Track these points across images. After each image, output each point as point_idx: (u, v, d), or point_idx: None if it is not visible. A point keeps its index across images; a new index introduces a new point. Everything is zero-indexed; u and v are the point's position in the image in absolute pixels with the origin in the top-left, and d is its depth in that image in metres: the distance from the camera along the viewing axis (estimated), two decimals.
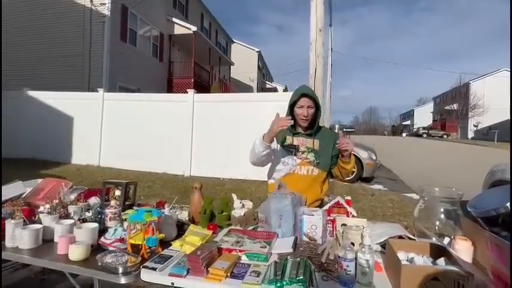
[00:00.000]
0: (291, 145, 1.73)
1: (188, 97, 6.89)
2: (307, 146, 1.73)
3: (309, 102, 1.68)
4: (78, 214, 1.53)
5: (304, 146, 1.73)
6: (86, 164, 7.29)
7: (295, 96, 1.70)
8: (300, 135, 1.76)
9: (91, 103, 7.51)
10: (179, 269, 1.08)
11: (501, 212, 1.04)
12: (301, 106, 1.68)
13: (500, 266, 1.00)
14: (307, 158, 1.71)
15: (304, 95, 1.68)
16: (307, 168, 1.72)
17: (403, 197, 5.19)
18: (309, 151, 1.72)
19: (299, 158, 1.73)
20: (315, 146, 1.73)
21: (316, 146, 1.74)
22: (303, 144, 1.74)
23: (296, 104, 1.70)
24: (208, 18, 19.01)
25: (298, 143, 1.74)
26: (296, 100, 1.69)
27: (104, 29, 10.02)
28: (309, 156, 1.72)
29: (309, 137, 1.75)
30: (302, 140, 1.75)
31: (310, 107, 1.69)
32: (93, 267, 1.15)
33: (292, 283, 1.01)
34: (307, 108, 1.68)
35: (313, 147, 1.73)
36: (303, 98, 1.68)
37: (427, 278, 0.92)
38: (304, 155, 1.72)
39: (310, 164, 1.72)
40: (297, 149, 1.73)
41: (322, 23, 5.85)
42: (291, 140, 1.75)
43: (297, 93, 1.70)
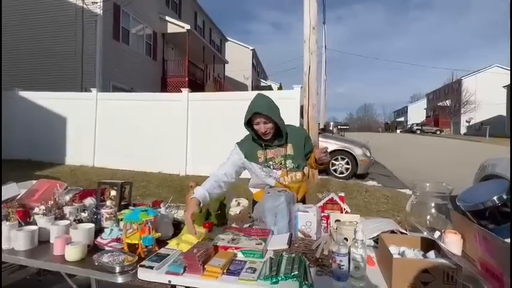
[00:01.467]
0: (264, 160, 1.67)
1: (182, 96, 6.87)
2: (281, 155, 1.67)
3: (263, 119, 1.58)
4: (73, 215, 1.53)
5: (279, 156, 1.68)
6: (80, 164, 7.23)
7: (248, 114, 1.60)
8: (271, 147, 1.68)
9: (84, 103, 7.44)
10: (176, 267, 1.10)
11: (488, 206, 1.08)
12: (257, 123, 1.60)
13: (488, 257, 1.03)
14: (287, 167, 1.67)
15: (255, 114, 1.58)
16: (290, 176, 1.68)
17: (396, 193, 5.26)
18: (285, 159, 1.67)
19: (278, 169, 1.68)
20: (289, 151, 1.68)
21: (290, 151, 1.68)
22: (277, 155, 1.68)
23: (252, 121, 1.62)
24: (202, 17, 18.91)
25: (273, 155, 1.68)
26: (250, 118, 1.61)
27: (96, 27, 9.91)
28: (287, 164, 1.67)
29: (281, 146, 1.68)
30: (274, 151, 1.68)
31: (266, 122, 1.59)
32: (90, 267, 1.16)
33: (287, 278, 1.03)
34: (264, 125, 1.59)
35: (287, 153, 1.68)
36: (256, 117, 1.59)
37: (417, 271, 0.95)
38: (282, 164, 1.67)
39: (292, 170, 1.68)
40: (274, 161, 1.68)
41: (315, 21, 5.88)
42: (265, 154, 1.67)
43: (249, 110, 1.61)
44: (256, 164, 1.69)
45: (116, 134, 7.17)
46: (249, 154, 1.69)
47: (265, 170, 1.69)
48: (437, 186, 1.47)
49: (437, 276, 0.93)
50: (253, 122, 1.62)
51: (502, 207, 1.07)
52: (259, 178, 1.73)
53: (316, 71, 5.99)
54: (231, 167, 1.68)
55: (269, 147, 1.69)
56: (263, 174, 1.69)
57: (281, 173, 1.68)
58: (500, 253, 0.97)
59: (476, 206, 1.10)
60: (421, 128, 38.50)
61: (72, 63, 10.00)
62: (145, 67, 12.74)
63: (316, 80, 6.07)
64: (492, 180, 1.50)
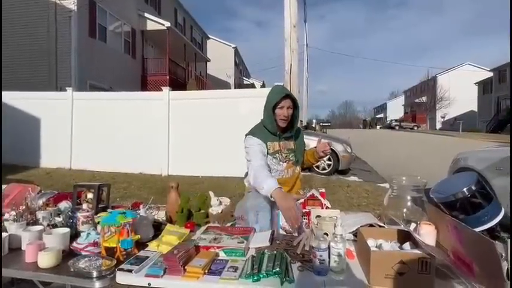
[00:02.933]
0: (273, 152, 1.74)
1: (163, 95, 6.73)
2: (288, 148, 1.78)
3: (289, 103, 1.69)
4: (47, 220, 1.46)
5: (285, 149, 1.77)
6: (57, 167, 6.94)
7: (277, 97, 1.67)
8: (281, 139, 1.76)
9: (59, 103, 7.12)
10: (156, 269, 1.08)
11: (459, 197, 1.13)
12: (282, 107, 1.68)
13: (459, 246, 1.08)
14: (290, 160, 1.77)
15: (286, 96, 1.68)
16: (292, 169, 1.78)
17: (376, 187, 5.41)
18: (290, 153, 1.78)
19: (284, 161, 1.76)
20: (293, 146, 1.80)
21: (295, 147, 1.81)
22: (285, 147, 1.77)
23: (278, 105, 1.68)
24: (182, 14, 18.58)
25: (281, 148, 1.76)
26: (278, 101, 1.67)
27: (71, 24, 9.50)
28: (291, 158, 1.77)
29: (289, 139, 1.79)
30: (283, 143, 1.77)
31: (290, 108, 1.70)
32: (65, 273, 1.12)
33: (268, 275, 1.03)
34: (287, 109, 1.69)
35: (292, 148, 1.79)
36: (285, 99, 1.67)
37: (393, 262, 0.98)
38: (287, 157, 1.77)
39: (293, 164, 1.78)
40: (281, 154, 1.75)
41: (296, 19, 5.92)
42: (274, 146, 1.74)
43: (278, 93, 1.68)
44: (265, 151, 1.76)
45: (94, 135, 6.93)
46: (262, 141, 1.73)
47: (272, 162, 1.73)
48: (413, 179, 1.53)
49: (412, 267, 0.97)
50: (277, 106, 1.68)
51: (472, 198, 1.12)
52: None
53: (297, 69, 6.03)
54: (264, 160, 1.66)
55: (280, 139, 1.75)
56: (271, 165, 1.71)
57: (286, 165, 1.75)
58: (469, 242, 1.02)
59: (447, 198, 1.15)
60: (399, 124, 39.78)
61: (46, 61, 9.56)
62: (124, 65, 12.38)
63: (298, 78, 6.12)
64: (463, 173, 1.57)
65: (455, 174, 2.66)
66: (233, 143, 3.61)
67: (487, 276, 0.93)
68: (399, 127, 38.29)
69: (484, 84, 32.80)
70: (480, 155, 3.66)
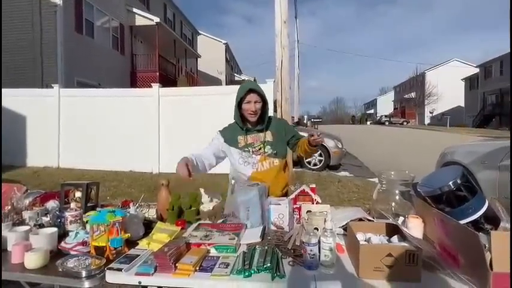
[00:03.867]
0: (245, 145, 1.75)
1: (153, 91, 6.64)
2: (261, 140, 1.76)
3: (256, 98, 1.69)
4: (33, 220, 1.44)
5: (258, 142, 1.75)
6: (44, 166, 6.80)
7: (242, 92, 1.70)
8: (251, 132, 1.77)
9: (45, 100, 6.95)
10: (146, 267, 1.07)
11: (445, 191, 1.15)
12: (249, 101, 1.69)
13: (445, 238, 1.11)
14: (266, 152, 1.74)
15: (251, 90, 1.69)
16: (268, 161, 1.75)
17: (367, 182, 5.49)
18: (264, 145, 1.75)
19: (257, 154, 1.75)
20: (268, 138, 1.76)
21: (270, 138, 1.77)
22: (257, 140, 1.76)
23: (243, 100, 1.70)
24: (172, 9, 18.30)
25: (252, 140, 1.76)
26: (243, 96, 1.69)
27: (56, 19, 9.25)
28: (266, 150, 1.74)
29: (260, 132, 1.77)
30: (255, 136, 1.76)
31: (257, 102, 1.70)
32: (53, 273, 1.10)
33: (259, 271, 1.04)
34: (254, 104, 1.69)
35: (265, 140, 1.75)
36: (250, 94, 1.69)
37: (382, 255, 0.99)
38: (261, 150, 1.74)
39: (270, 156, 1.75)
40: (253, 146, 1.75)
41: (286, 15, 5.90)
42: (245, 139, 1.75)
43: (243, 89, 1.71)
44: (236, 148, 1.76)
45: (83, 133, 6.81)
46: (229, 139, 1.77)
47: (244, 155, 1.75)
48: (401, 174, 1.55)
49: (400, 259, 0.99)
50: (243, 101, 1.70)
51: (457, 192, 1.15)
52: (237, 166, 1.78)
53: (288, 65, 6.03)
54: (210, 151, 1.77)
55: (249, 131, 1.76)
56: (241, 161, 1.75)
57: (259, 158, 1.75)
58: (455, 234, 1.05)
59: (434, 192, 1.17)
60: (389, 119, 40.37)
61: (31, 58, 9.29)
62: (113, 61, 12.14)
63: (289, 74, 6.13)
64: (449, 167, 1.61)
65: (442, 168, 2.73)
66: None
67: (471, 267, 0.96)
68: (389, 123, 38.87)
69: (471, 80, 33.54)
70: (466, 149, 3.75)
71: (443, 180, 1.18)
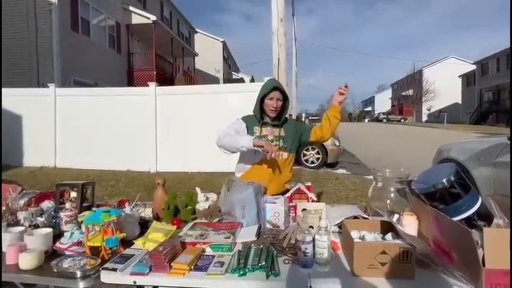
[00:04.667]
0: (259, 136, 1.84)
1: (150, 90, 6.62)
2: (275, 134, 1.87)
3: (279, 95, 1.82)
4: (28, 220, 1.43)
5: (272, 135, 1.86)
6: (41, 165, 6.76)
7: (267, 89, 1.81)
8: (267, 125, 1.88)
9: (41, 100, 6.90)
10: (141, 267, 1.07)
11: (439, 188, 1.16)
12: (272, 98, 1.80)
13: (439, 235, 1.11)
14: (276, 145, 1.84)
15: (275, 88, 1.81)
16: (277, 153, 1.83)
17: (364, 180, 5.51)
18: (277, 139, 1.86)
19: None
20: (281, 133, 1.88)
21: (282, 133, 1.89)
22: (271, 134, 1.87)
23: (267, 96, 1.81)
24: (169, 7, 18.20)
25: (267, 133, 1.87)
26: (267, 93, 1.81)
27: (51, 18, 9.18)
28: (277, 143, 1.85)
29: (275, 127, 1.88)
30: (270, 129, 1.87)
31: (280, 100, 1.82)
32: (48, 274, 1.10)
33: (254, 270, 1.04)
34: (276, 101, 1.81)
35: (279, 135, 1.87)
36: (274, 91, 1.80)
37: (376, 253, 1.00)
38: (273, 143, 1.84)
39: (279, 149, 1.85)
40: (266, 138, 1.84)
41: (283, 13, 5.89)
42: (260, 131, 1.87)
43: (268, 86, 1.82)
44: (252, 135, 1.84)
45: (79, 132, 6.77)
46: (249, 126, 1.88)
47: None
48: (396, 171, 1.56)
49: (394, 257, 0.99)
50: (267, 97, 1.81)
51: (451, 189, 1.15)
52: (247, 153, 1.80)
53: (285, 63, 6.02)
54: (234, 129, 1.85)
55: (265, 125, 1.87)
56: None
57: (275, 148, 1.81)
58: (448, 231, 1.05)
59: (428, 189, 1.18)
60: (387, 116, 40.45)
61: (26, 57, 9.22)
62: (109, 60, 12.08)
63: (286, 72, 6.12)
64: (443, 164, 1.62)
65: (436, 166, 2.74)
66: None
67: (464, 263, 0.97)
68: (387, 120, 38.95)
69: (468, 77, 33.64)
70: (462, 146, 3.77)
71: (437, 178, 1.19)
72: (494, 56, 27.98)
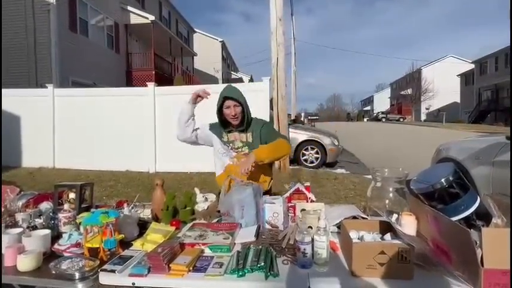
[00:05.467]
0: (227, 141, 1.87)
1: (148, 90, 6.61)
2: (242, 140, 1.86)
3: (233, 102, 1.79)
4: (26, 221, 1.43)
5: (239, 141, 1.86)
6: (39, 166, 6.74)
7: (220, 100, 1.81)
8: (233, 131, 1.87)
9: (39, 100, 6.88)
10: (140, 268, 1.07)
11: (437, 188, 1.16)
12: (228, 107, 1.79)
13: (437, 235, 1.12)
14: (243, 151, 1.84)
15: (226, 98, 1.79)
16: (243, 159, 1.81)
17: (363, 179, 5.51)
18: (244, 145, 1.85)
19: (235, 151, 1.86)
20: (248, 139, 1.86)
21: (250, 139, 1.86)
22: (238, 139, 1.86)
23: (223, 106, 1.80)
24: (167, 7, 18.17)
25: (234, 138, 1.87)
26: (222, 103, 1.80)
27: (50, 18, 9.15)
28: (243, 149, 1.84)
29: (242, 132, 1.86)
30: (236, 135, 1.87)
31: (236, 106, 1.79)
32: (46, 276, 1.10)
33: (253, 270, 1.04)
34: (233, 108, 1.78)
35: (246, 141, 1.86)
36: (227, 100, 1.79)
37: (374, 253, 1.00)
38: (239, 149, 1.85)
39: (245, 155, 1.82)
40: (233, 144, 1.86)
41: (281, 13, 5.89)
42: (227, 137, 1.88)
43: (220, 96, 1.81)
44: (218, 138, 1.90)
45: (78, 133, 6.75)
46: (215, 131, 1.91)
47: (224, 147, 1.88)
48: (395, 171, 1.56)
49: (392, 257, 0.99)
50: (223, 107, 1.80)
51: (449, 189, 1.15)
52: (217, 154, 1.90)
53: (284, 63, 6.02)
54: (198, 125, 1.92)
55: (231, 131, 1.87)
56: (221, 150, 1.88)
57: (236, 154, 1.85)
58: (447, 231, 1.05)
59: (426, 189, 1.18)
60: (385, 116, 40.48)
61: (24, 57, 9.19)
62: (108, 60, 12.05)
63: (285, 72, 6.12)
64: (441, 164, 1.62)
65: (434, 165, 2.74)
66: None
67: (463, 263, 0.97)
68: (386, 119, 38.97)
69: (466, 76, 33.71)
70: (461, 145, 3.77)
71: (435, 177, 1.19)
72: (493, 55, 28.05)
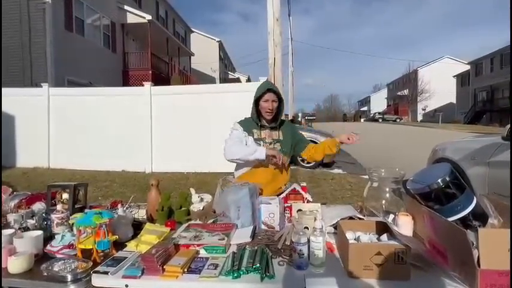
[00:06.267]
0: (258, 138, 1.86)
1: (145, 90, 6.57)
2: (273, 137, 1.88)
3: (273, 97, 1.82)
4: (18, 222, 1.40)
5: (270, 138, 1.88)
6: (34, 166, 6.68)
7: (261, 91, 1.82)
8: (265, 128, 1.89)
9: (34, 99, 6.81)
10: (133, 270, 1.05)
11: (434, 188, 1.16)
12: (266, 100, 1.81)
13: (433, 236, 1.11)
14: (274, 148, 1.86)
15: (269, 90, 1.81)
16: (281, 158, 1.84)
17: (360, 179, 5.51)
18: (275, 142, 1.88)
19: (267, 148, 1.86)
20: (280, 136, 1.90)
21: (281, 137, 1.91)
22: (269, 136, 1.88)
23: (261, 98, 1.82)
24: (164, 7, 18.09)
25: (265, 136, 1.88)
26: (261, 95, 1.81)
27: (45, 17, 9.06)
28: (275, 146, 1.87)
29: (273, 129, 1.90)
30: (268, 132, 1.89)
31: (275, 101, 1.82)
32: (37, 278, 1.08)
33: (248, 272, 1.03)
34: (271, 102, 1.81)
35: (278, 138, 1.89)
36: (268, 93, 1.80)
37: (371, 254, 0.99)
38: (271, 145, 1.86)
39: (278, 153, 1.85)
40: (264, 141, 1.86)
41: (278, 13, 5.87)
42: (259, 134, 1.88)
43: (262, 88, 1.83)
44: (251, 137, 1.86)
45: (73, 132, 6.70)
46: (246, 129, 1.88)
47: (258, 143, 1.85)
48: (391, 171, 1.55)
49: (389, 258, 0.98)
50: (261, 99, 1.81)
51: (446, 189, 1.15)
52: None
53: (281, 63, 6.01)
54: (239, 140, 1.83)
55: (263, 127, 1.89)
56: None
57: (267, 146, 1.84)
58: (443, 231, 1.05)
59: (423, 189, 1.17)
60: (382, 116, 40.64)
61: (19, 56, 9.09)
62: (104, 60, 11.97)
63: (282, 72, 6.11)
64: (437, 164, 1.62)
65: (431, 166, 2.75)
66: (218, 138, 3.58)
67: (460, 264, 0.97)
68: (382, 120, 39.13)
69: (462, 77, 33.95)
70: (457, 145, 3.78)
71: (432, 178, 1.19)
72: (488, 56, 28.28)
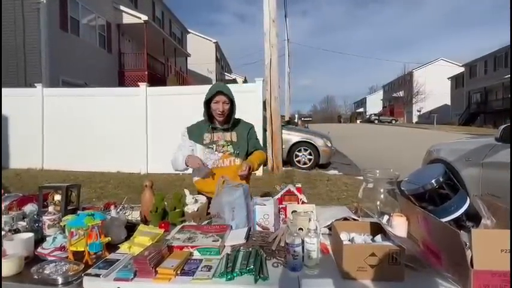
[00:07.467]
0: (210, 142, 1.84)
1: (140, 91, 6.53)
2: (226, 139, 1.85)
3: (224, 99, 1.79)
4: (9, 224, 1.38)
5: (222, 140, 1.85)
6: (27, 167, 6.60)
7: (211, 93, 1.79)
8: (217, 130, 1.86)
9: (28, 100, 6.74)
10: (125, 272, 1.04)
11: (428, 189, 1.16)
12: (217, 102, 1.78)
13: (427, 236, 1.11)
14: (228, 151, 1.84)
15: (219, 92, 1.78)
16: (229, 159, 1.84)
17: (355, 180, 5.53)
18: (227, 144, 1.84)
19: (220, 151, 1.84)
20: (233, 138, 1.86)
21: (234, 138, 1.86)
22: (222, 139, 1.85)
23: (212, 100, 1.79)
24: (161, 7, 18.05)
25: (217, 138, 1.85)
26: (211, 97, 1.78)
27: (39, 16, 8.98)
28: (228, 149, 1.84)
29: (226, 131, 1.86)
30: (220, 134, 1.85)
31: (225, 103, 1.79)
32: (27, 281, 1.05)
33: (242, 273, 1.02)
34: (222, 104, 1.78)
35: (231, 140, 1.85)
36: (219, 95, 1.78)
37: (365, 255, 0.99)
38: (224, 148, 1.84)
39: (231, 155, 1.84)
40: (217, 144, 1.84)
41: (275, 14, 5.90)
42: (210, 137, 1.85)
43: (212, 90, 1.80)
44: (200, 145, 1.85)
45: (68, 133, 6.64)
46: (195, 135, 1.87)
47: (206, 152, 1.83)
48: (386, 172, 1.56)
49: (383, 259, 0.98)
50: (212, 101, 1.79)
51: (439, 190, 1.15)
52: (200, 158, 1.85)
53: (277, 64, 6.03)
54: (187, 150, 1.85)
55: (216, 130, 1.86)
56: (203, 157, 1.82)
57: (222, 155, 1.83)
58: (437, 232, 1.05)
59: (417, 190, 1.18)
60: (378, 118, 40.92)
61: (13, 56, 8.98)
62: (100, 60, 11.89)
63: (278, 73, 6.12)
64: (431, 165, 1.63)
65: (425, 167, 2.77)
66: None
67: (453, 265, 0.97)
68: (378, 121, 39.38)
69: (457, 79, 34.28)
70: (451, 147, 3.81)
71: (426, 179, 1.19)
72: (482, 58, 28.61)
